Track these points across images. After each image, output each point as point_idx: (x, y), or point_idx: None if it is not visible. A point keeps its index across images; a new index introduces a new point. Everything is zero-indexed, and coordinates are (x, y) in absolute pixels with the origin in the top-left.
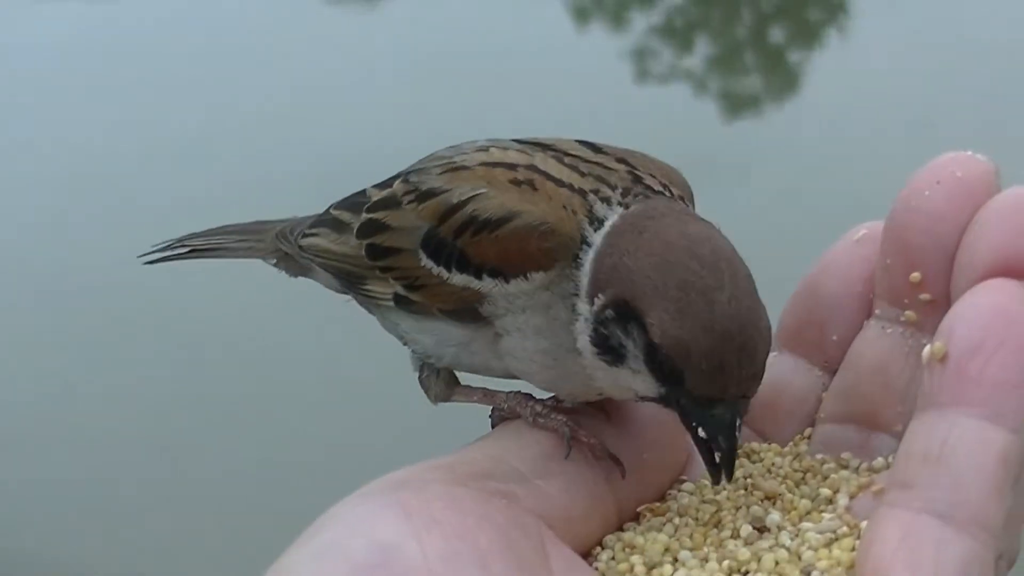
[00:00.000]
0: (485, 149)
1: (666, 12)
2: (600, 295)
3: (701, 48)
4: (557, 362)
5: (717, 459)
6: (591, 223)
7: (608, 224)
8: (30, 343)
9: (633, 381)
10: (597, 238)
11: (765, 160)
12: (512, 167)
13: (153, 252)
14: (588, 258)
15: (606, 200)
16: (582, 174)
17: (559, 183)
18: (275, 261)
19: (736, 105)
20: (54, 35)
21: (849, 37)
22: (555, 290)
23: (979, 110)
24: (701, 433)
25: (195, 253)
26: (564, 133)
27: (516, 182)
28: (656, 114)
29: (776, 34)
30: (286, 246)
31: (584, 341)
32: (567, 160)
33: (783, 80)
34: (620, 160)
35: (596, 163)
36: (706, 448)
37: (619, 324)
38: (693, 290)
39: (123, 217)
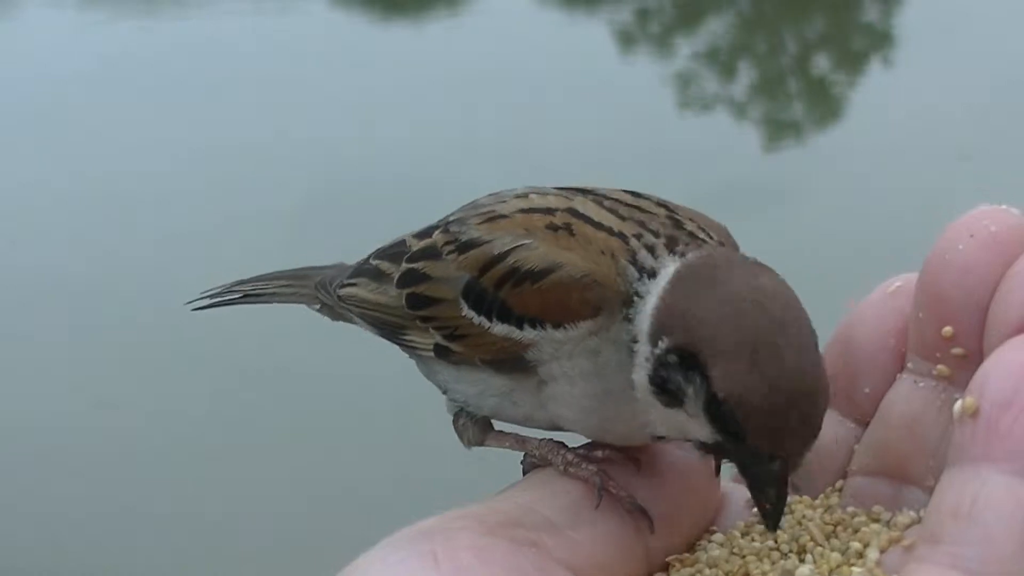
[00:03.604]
0: (524, 196)
1: (710, 39)
2: (664, 338)
3: (744, 75)
4: (605, 406)
5: (766, 509)
6: (639, 272)
7: (668, 272)
8: (67, 360)
9: (688, 425)
10: (654, 286)
11: (806, 188)
12: (550, 212)
13: (202, 299)
14: (648, 305)
15: (651, 248)
16: (622, 218)
17: (598, 226)
18: (318, 307)
19: (778, 133)
20: (100, 53)
21: (894, 67)
22: (603, 336)
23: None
24: (751, 482)
25: (245, 299)
26: (606, 158)
27: (553, 227)
28: (699, 139)
29: (820, 62)
30: (325, 297)
31: (642, 379)
32: (606, 203)
33: (826, 108)
34: (660, 204)
35: (635, 207)
36: (757, 496)
37: (680, 370)
38: (761, 348)
39: (158, 234)
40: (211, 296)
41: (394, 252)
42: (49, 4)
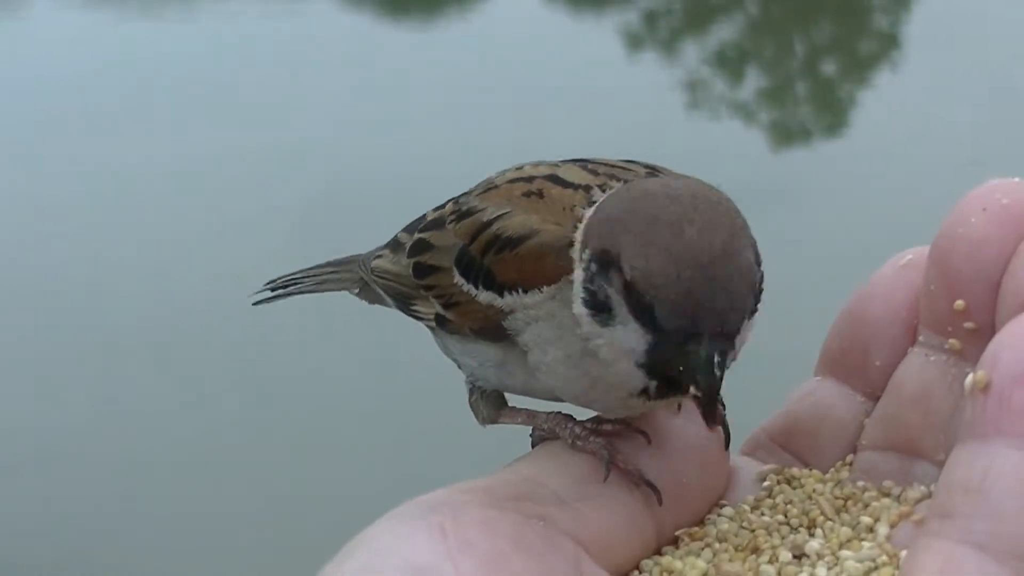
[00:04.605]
0: (520, 167)
1: (718, 43)
2: (587, 251)
3: (753, 79)
4: (577, 369)
5: (700, 401)
6: (587, 208)
7: (600, 199)
8: (67, 360)
9: (625, 338)
10: (587, 212)
11: (813, 191)
12: (530, 180)
13: (262, 291)
14: (579, 232)
15: (606, 189)
16: (596, 174)
17: (566, 185)
18: (358, 291)
19: (786, 136)
20: (109, 57)
21: (901, 72)
22: (559, 297)
23: None
24: (683, 377)
25: (300, 290)
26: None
27: (528, 194)
28: (706, 143)
29: (828, 67)
30: (364, 273)
31: (580, 310)
32: (590, 166)
33: (834, 113)
34: (647, 167)
35: (618, 167)
36: (695, 396)
37: (603, 275)
38: (660, 222)
39: (161, 234)
40: (272, 288)
41: (412, 224)
42: (56, 4)
